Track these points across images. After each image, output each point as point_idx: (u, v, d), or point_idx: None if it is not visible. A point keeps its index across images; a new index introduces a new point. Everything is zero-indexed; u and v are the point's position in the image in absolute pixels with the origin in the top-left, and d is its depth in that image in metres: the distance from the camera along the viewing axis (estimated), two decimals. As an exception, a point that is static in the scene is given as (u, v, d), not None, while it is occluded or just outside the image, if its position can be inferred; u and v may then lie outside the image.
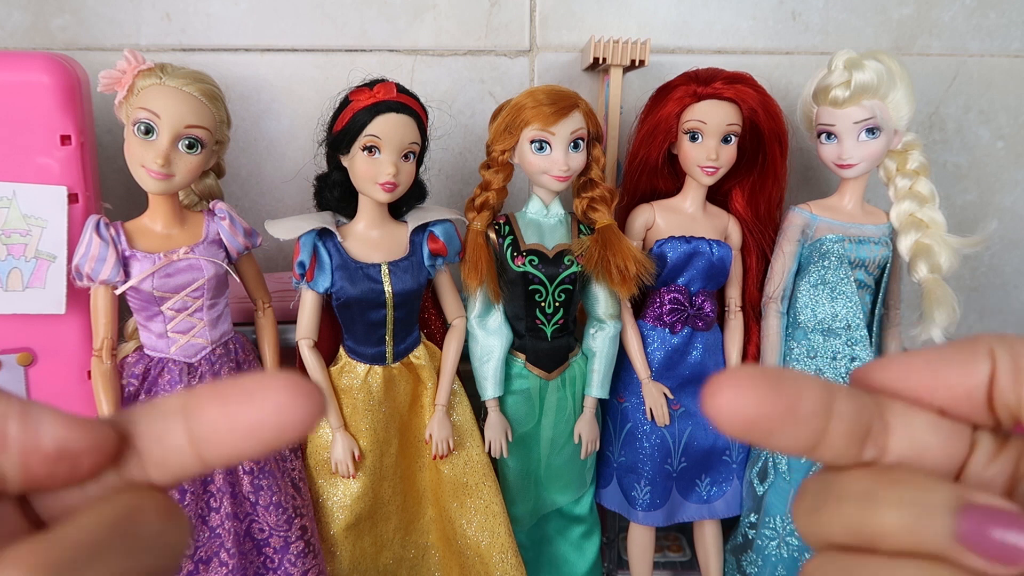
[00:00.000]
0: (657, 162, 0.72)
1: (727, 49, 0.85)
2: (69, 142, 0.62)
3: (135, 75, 0.58)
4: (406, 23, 0.81)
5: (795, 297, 0.74)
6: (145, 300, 0.61)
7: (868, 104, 0.67)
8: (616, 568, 0.86)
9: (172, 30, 0.79)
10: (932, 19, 0.86)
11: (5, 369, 0.64)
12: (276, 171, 0.84)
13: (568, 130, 0.65)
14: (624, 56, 0.73)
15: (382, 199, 0.63)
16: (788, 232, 0.74)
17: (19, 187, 0.61)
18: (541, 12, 0.83)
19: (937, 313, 0.68)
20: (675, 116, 0.70)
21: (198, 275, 0.62)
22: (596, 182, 0.69)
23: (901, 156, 0.73)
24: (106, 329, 0.61)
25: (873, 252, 0.72)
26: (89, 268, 0.59)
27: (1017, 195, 0.92)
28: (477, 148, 0.85)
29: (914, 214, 0.71)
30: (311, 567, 0.67)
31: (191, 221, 0.64)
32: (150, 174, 0.58)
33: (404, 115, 0.62)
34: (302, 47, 0.81)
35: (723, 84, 0.68)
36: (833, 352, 0.72)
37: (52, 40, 0.78)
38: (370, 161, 0.62)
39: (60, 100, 0.61)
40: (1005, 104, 0.88)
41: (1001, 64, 0.87)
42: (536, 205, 0.70)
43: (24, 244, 0.62)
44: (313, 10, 0.80)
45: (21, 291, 0.62)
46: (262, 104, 0.82)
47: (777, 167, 0.73)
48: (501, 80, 0.84)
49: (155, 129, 0.58)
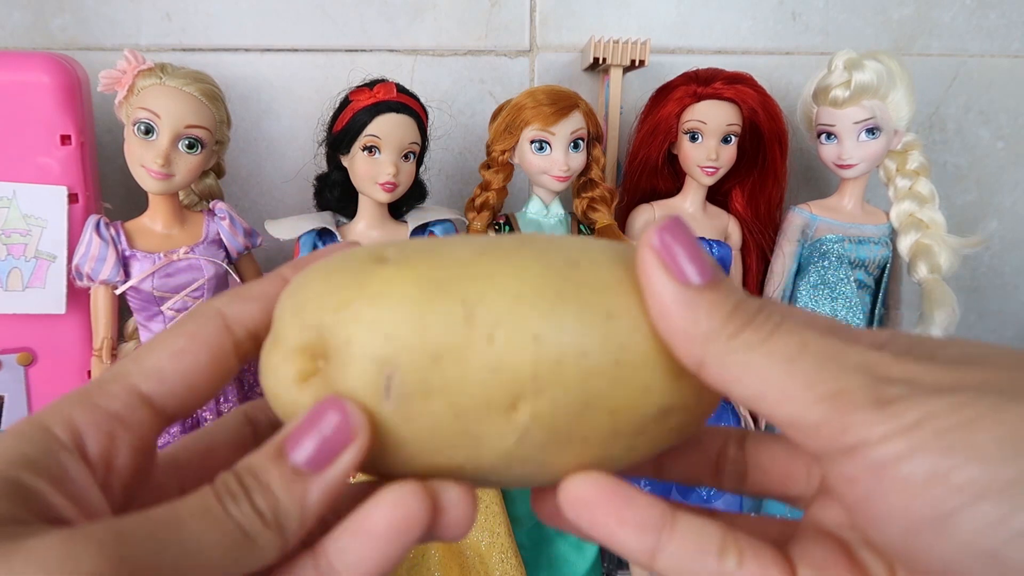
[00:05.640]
0: (657, 162, 0.72)
1: (727, 49, 0.85)
2: (69, 142, 0.62)
3: (135, 75, 0.58)
4: (406, 23, 0.81)
5: (795, 297, 0.74)
6: (145, 300, 0.61)
7: (868, 104, 0.67)
8: (616, 568, 0.86)
9: (172, 30, 0.79)
10: (932, 19, 0.86)
11: (5, 369, 0.64)
12: (276, 171, 0.84)
13: (568, 130, 0.65)
14: (624, 56, 0.73)
15: (382, 199, 0.63)
16: (788, 232, 0.74)
17: (19, 187, 0.61)
18: (541, 12, 0.83)
19: (937, 313, 0.68)
20: (675, 116, 0.70)
21: (198, 275, 0.62)
22: (596, 182, 0.69)
23: (901, 156, 0.73)
24: (106, 329, 0.61)
25: (873, 252, 0.72)
26: (89, 268, 0.59)
27: (1017, 195, 0.92)
28: (477, 148, 0.85)
29: (914, 214, 0.71)
30: (311, 567, 0.67)
31: (191, 221, 0.64)
32: (150, 174, 0.58)
33: (404, 115, 0.62)
34: (302, 47, 0.81)
35: (723, 84, 0.68)
36: (833, 352, 0.72)
37: (52, 40, 0.78)
38: (370, 161, 0.62)
39: (60, 100, 0.61)
40: (1005, 104, 0.88)
41: (1001, 64, 0.87)
42: (536, 205, 0.70)
43: (24, 244, 0.62)
44: (313, 10, 0.80)
45: (21, 291, 0.62)
46: (262, 104, 0.82)
47: (777, 167, 0.73)
48: (501, 80, 0.84)
49: (155, 129, 0.58)
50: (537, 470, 0.19)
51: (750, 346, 0.16)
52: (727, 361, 0.17)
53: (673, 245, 0.17)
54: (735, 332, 0.17)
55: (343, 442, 0.17)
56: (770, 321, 0.17)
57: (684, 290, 0.17)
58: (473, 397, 0.17)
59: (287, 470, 0.17)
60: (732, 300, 0.17)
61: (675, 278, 0.17)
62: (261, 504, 0.16)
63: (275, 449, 0.17)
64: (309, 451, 0.17)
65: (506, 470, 0.18)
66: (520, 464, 0.18)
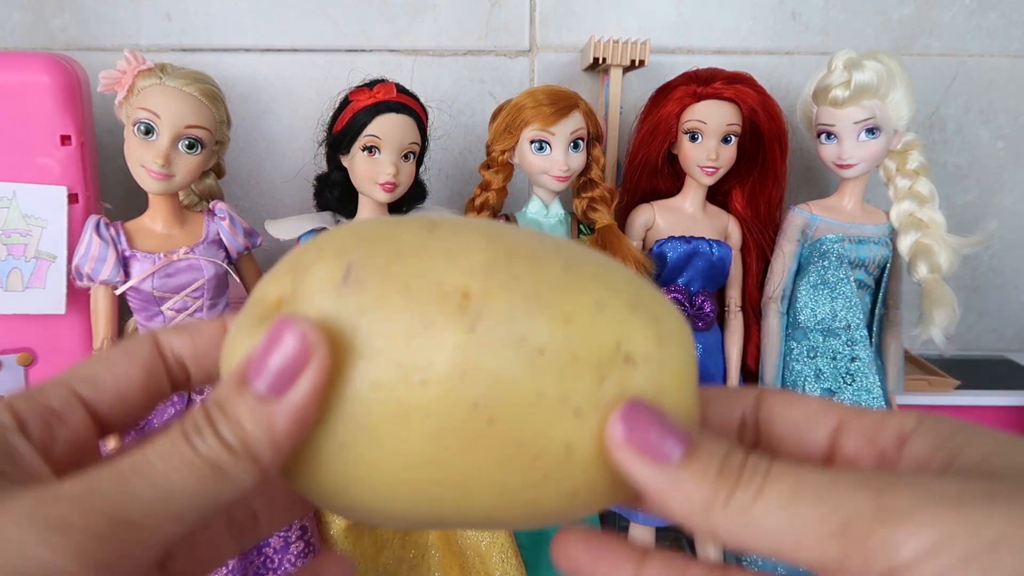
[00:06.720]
0: (657, 162, 0.72)
1: (727, 49, 0.85)
2: (69, 142, 0.62)
3: (135, 75, 0.58)
4: (406, 23, 0.81)
5: (795, 297, 0.74)
6: (145, 300, 0.61)
7: (868, 104, 0.67)
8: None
9: (172, 30, 0.79)
10: (932, 19, 0.86)
11: (5, 369, 0.64)
12: (276, 171, 0.84)
13: (568, 130, 0.65)
14: (624, 56, 0.73)
15: (382, 199, 0.63)
16: (788, 232, 0.74)
17: (19, 187, 0.61)
18: (541, 12, 0.83)
19: (937, 313, 0.68)
20: (675, 116, 0.70)
21: (198, 275, 0.62)
22: (596, 182, 0.69)
23: (901, 156, 0.73)
24: (106, 329, 0.61)
25: (873, 252, 0.72)
26: (89, 268, 0.59)
27: (1017, 195, 0.92)
28: (477, 148, 0.85)
29: (914, 214, 0.71)
30: (311, 567, 0.67)
31: (191, 221, 0.64)
32: (150, 174, 0.58)
33: (404, 115, 0.62)
34: (302, 47, 0.81)
35: (723, 84, 0.68)
36: (833, 352, 0.72)
37: (52, 40, 0.78)
38: (370, 161, 0.62)
39: (60, 100, 0.61)
40: (1005, 104, 0.88)
41: (1001, 64, 0.87)
42: (536, 205, 0.70)
43: (24, 244, 0.62)
44: (313, 10, 0.80)
45: (21, 291, 0.62)
46: (262, 104, 0.82)
47: (777, 167, 0.73)
48: (501, 80, 0.84)
49: (155, 129, 0.58)
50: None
51: (746, 507, 0.16)
52: (732, 528, 0.16)
53: (641, 428, 0.17)
54: (727, 497, 0.16)
55: (302, 361, 0.16)
56: (758, 472, 0.16)
57: (667, 469, 0.17)
58: (428, 282, 0.17)
59: (250, 398, 0.17)
60: (716, 460, 0.17)
61: (655, 461, 0.17)
62: (227, 435, 0.16)
63: (238, 378, 0.17)
64: (270, 376, 0.17)
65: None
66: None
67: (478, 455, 0.17)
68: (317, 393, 0.17)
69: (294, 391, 0.16)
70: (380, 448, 0.17)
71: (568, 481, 0.18)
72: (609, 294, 0.18)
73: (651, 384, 0.18)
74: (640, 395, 0.18)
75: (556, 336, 0.17)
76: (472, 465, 0.17)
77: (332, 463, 0.18)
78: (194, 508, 0.16)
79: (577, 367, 0.17)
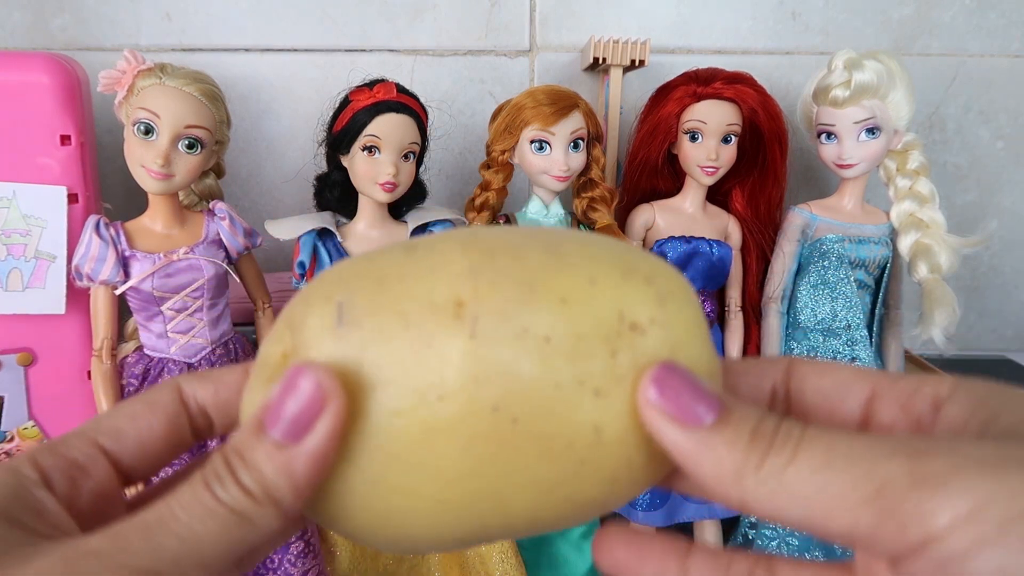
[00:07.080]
0: (657, 162, 0.72)
1: (727, 49, 0.85)
2: (69, 142, 0.62)
3: (135, 75, 0.58)
4: (406, 23, 0.81)
5: (795, 297, 0.74)
6: (145, 300, 0.61)
7: (868, 104, 0.67)
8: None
9: (172, 30, 0.79)
10: (932, 19, 0.86)
11: (5, 369, 0.64)
12: (276, 171, 0.84)
13: (568, 130, 0.65)
14: (624, 56, 0.73)
15: (382, 199, 0.63)
16: (788, 232, 0.74)
17: (19, 187, 0.61)
18: (541, 12, 0.83)
19: (937, 313, 0.68)
20: (675, 116, 0.70)
21: (198, 275, 0.62)
22: (596, 182, 0.69)
23: (901, 156, 0.73)
24: (106, 329, 0.61)
25: (873, 252, 0.72)
26: (89, 268, 0.59)
27: (1017, 195, 0.92)
28: (477, 148, 0.85)
29: (914, 214, 0.71)
30: (311, 567, 0.67)
31: (191, 221, 0.64)
32: (150, 174, 0.58)
33: (404, 115, 0.62)
34: (302, 47, 0.81)
35: (723, 84, 0.68)
36: (833, 352, 0.72)
37: (52, 40, 0.78)
38: (370, 161, 0.62)
39: (60, 100, 0.61)
40: (1005, 104, 0.88)
41: (1001, 64, 0.87)
42: (536, 205, 0.70)
43: (24, 244, 0.62)
44: (313, 10, 0.80)
45: (21, 291, 0.62)
46: (262, 104, 0.82)
47: (777, 167, 0.73)
48: (501, 80, 0.84)
49: (155, 129, 0.58)
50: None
51: (778, 472, 0.16)
52: (762, 495, 0.16)
53: (673, 392, 0.17)
54: (760, 462, 0.16)
55: (319, 404, 0.17)
56: (791, 437, 0.16)
57: (699, 433, 0.17)
58: (419, 301, 0.18)
59: (269, 444, 0.17)
60: (748, 426, 0.17)
61: (687, 424, 0.17)
62: (248, 482, 0.17)
63: (256, 425, 0.17)
64: (286, 422, 0.17)
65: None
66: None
67: (510, 457, 0.17)
68: (336, 434, 0.17)
69: (313, 435, 0.17)
70: (413, 474, 0.17)
71: (606, 465, 0.18)
72: (599, 267, 0.18)
73: (663, 345, 0.18)
74: (654, 358, 0.18)
75: (557, 320, 0.17)
76: (507, 469, 0.17)
77: (366, 499, 0.18)
78: (219, 556, 0.16)
79: (586, 346, 0.17)
